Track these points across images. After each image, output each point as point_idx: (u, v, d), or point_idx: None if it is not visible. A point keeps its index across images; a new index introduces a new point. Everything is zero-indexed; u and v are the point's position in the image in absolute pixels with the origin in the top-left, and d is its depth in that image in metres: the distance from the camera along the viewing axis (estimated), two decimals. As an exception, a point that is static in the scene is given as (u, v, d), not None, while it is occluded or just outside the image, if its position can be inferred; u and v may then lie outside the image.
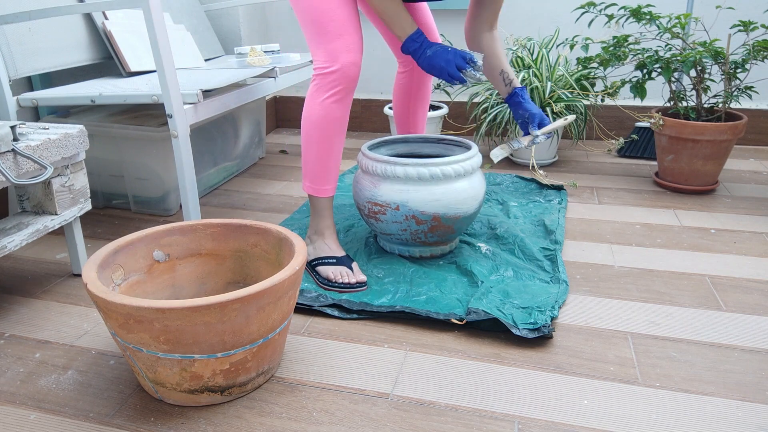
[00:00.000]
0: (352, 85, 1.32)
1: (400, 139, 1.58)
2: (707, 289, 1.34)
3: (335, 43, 1.28)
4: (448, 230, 1.39)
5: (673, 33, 1.90)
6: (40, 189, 1.29)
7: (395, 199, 1.35)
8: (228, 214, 1.83)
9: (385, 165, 1.36)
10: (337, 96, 1.30)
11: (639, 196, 1.91)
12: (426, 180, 1.34)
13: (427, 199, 1.34)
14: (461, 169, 1.35)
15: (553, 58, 2.44)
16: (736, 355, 1.10)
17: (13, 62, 1.54)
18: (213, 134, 2.01)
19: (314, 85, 1.32)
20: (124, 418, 0.96)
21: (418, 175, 1.33)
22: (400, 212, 1.35)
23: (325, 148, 1.35)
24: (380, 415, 0.96)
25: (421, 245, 1.44)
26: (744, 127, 1.84)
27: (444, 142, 1.56)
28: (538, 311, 1.20)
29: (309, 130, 1.34)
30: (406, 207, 1.34)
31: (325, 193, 1.39)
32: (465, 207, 1.37)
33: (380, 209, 1.37)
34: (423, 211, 1.34)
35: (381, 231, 1.43)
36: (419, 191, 1.34)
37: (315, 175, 1.37)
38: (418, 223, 1.36)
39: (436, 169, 1.33)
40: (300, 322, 1.23)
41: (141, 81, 1.69)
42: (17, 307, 1.31)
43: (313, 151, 1.35)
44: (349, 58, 1.28)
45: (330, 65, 1.28)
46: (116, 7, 1.39)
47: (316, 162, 1.36)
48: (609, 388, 1.01)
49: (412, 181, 1.34)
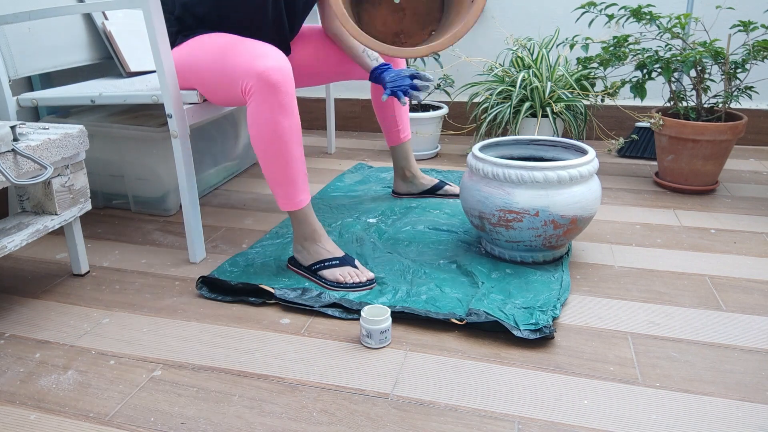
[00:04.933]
0: (287, 90, 1.25)
1: (493, 143, 1.54)
2: (707, 289, 1.34)
3: (248, 57, 1.26)
4: (577, 231, 1.38)
5: (673, 33, 1.90)
6: (40, 189, 1.29)
7: (535, 204, 1.31)
8: (228, 214, 1.83)
9: (520, 171, 1.31)
10: (279, 107, 1.25)
11: (639, 196, 1.91)
12: (565, 183, 1.31)
13: (568, 202, 1.31)
14: (592, 169, 1.35)
15: (553, 58, 2.44)
16: (736, 355, 1.10)
17: (12, 62, 1.54)
18: (213, 134, 2.01)
19: (251, 105, 1.26)
20: (124, 418, 0.96)
21: (558, 178, 1.30)
22: (539, 218, 1.32)
23: (286, 161, 1.29)
24: (380, 415, 0.96)
25: (547, 250, 1.41)
26: (744, 127, 1.84)
27: (535, 144, 1.55)
28: (540, 311, 1.20)
29: (262, 149, 1.28)
30: (546, 212, 1.31)
31: (304, 204, 1.35)
32: (595, 206, 1.37)
33: (516, 216, 1.33)
34: (563, 214, 1.32)
35: (508, 239, 1.38)
36: (561, 194, 1.31)
37: (285, 187, 1.32)
38: (555, 227, 1.34)
39: (574, 171, 1.31)
40: (300, 322, 1.23)
41: (141, 81, 1.69)
42: (17, 307, 1.31)
43: (275, 165, 1.29)
44: (269, 63, 1.24)
45: (251, 78, 1.24)
46: (116, 7, 1.39)
47: (281, 175, 1.31)
48: (609, 388, 1.01)
49: (552, 185, 1.31)
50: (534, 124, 2.13)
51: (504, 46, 2.60)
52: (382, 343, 1.14)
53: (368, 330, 1.12)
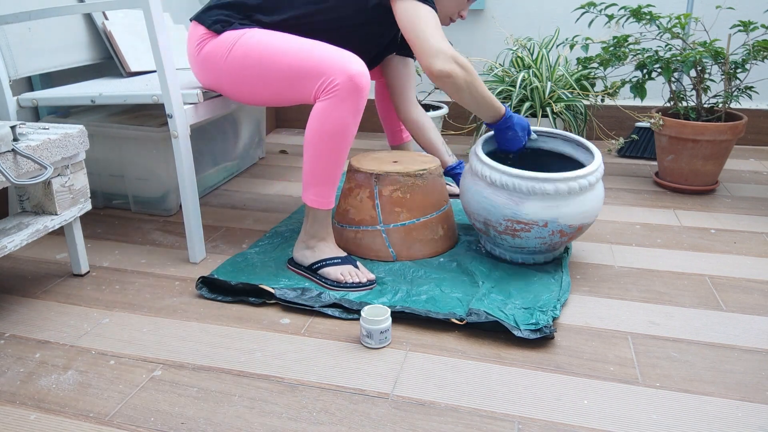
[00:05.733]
0: (365, 96, 1.27)
1: (492, 137, 1.51)
2: (707, 289, 1.34)
3: (338, 57, 1.25)
4: (579, 234, 1.37)
5: (673, 33, 1.90)
6: (40, 189, 1.29)
7: (543, 216, 1.28)
8: (228, 214, 1.83)
9: (531, 183, 1.27)
10: (354, 111, 1.26)
11: (639, 196, 1.91)
12: (575, 193, 1.29)
13: (577, 212, 1.30)
14: (599, 174, 1.33)
15: (553, 58, 2.44)
16: (736, 355, 1.10)
17: (13, 62, 1.54)
18: (213, 134, 2.01)
19: (325, 102, 1.26)
20: (124, 418, 0.96)
21: (569, 189, 1.27)
22: (547, 228, 1.30)
23: (336, 158, 1.30)
24: (380, 415, 0.96)
25: (548, 252, 1.40)
26: (744, 127, 1.84)
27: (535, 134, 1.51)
28: (540, 311, 1.20)
29: (318, 145, 1.28)
30: (555, 223, 1.29)
31: (332, 205, 1.35)
32: (599, 210, 1.36)
33: (524, 227, 1.31)
34: (571, 224, 1.30)
35: (513, 246, 1.37)
36: (569, 205, 1.29)
37: (323, 186, 1.32)
38: (562, 236, 1.32)
39: (584, 181, 1.29)
40: (300, 322, 1.23)
41: (141, 81, 1.69)
42: (17, 307, 1.31)
43: (324, 162, 1.29)
44: (359, 67, 1.24)
45: (340, 76, 1.23)
46: (116, 7, 1.39)
47: (324, 173, 1.31)
48: (609, 388, 1.01)
49: (561, 196, 1.28)
50: (534, 124, 2.13)
51: (504, 46, 2.60)
52: (382, 343, 1.14)
53: (368, 330, 1.12)
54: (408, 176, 1.42)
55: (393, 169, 1.43)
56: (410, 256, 1.45)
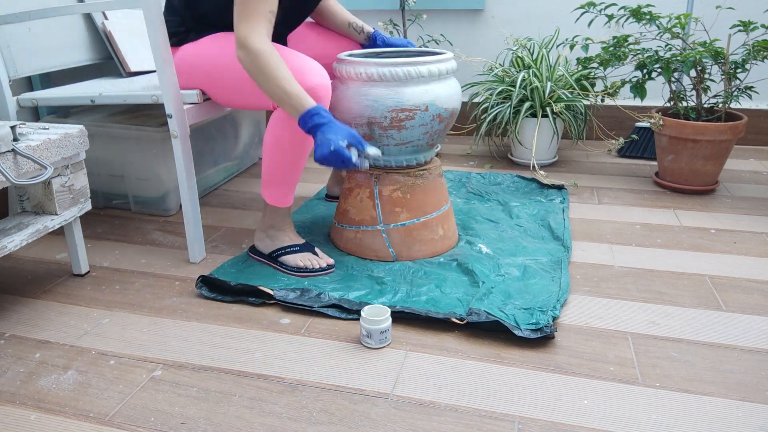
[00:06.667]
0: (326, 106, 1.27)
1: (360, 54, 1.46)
2: (707, 289, 1.34)
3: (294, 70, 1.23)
4: (452, 123, 1.42)
5: (673, 33, 1.90)
6: (40, 189, 1.29)
7: (424, 99, 1.32)
8: (228, 214, 1.83)
9: (407, 67, 1.30)
10: None
11: (639, 196, 1.91)
12: (444, 76, 1.35)
13: (449, 94, 1.35)
14: (455, 63, 1.40)
15: (553, 58, 2.44)
16: (736, 355, 1.10)
17: (13, 62, 1.54)
18: (213, 134, 2.01)
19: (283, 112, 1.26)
20: (124, 418, 0.96)
21: (440, 71, 1.33)
22: (428, 113, 1.34)
23: (295, 163, 1.32)
24: (380, 415, 0.96)
25: (428, 149, 1.43)
26: (744, 127, 1.84)
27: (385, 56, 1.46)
28: (540, 311, 1.20)
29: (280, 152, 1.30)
30: (434, 106, 1.34)
31: (289, 202, 1.40)
32: (460, 97, 1.42)
33: (408, 114, 1.33)
34: (446, 107, 1.35)
35: (399, 141, 1.37)
36: (443, 87, 1.34)
37: (282, 186, 1.35)
38: (440, 121, 1.37)
39: (449, 65, 1.35)
40: (300, 322, 1.23)
41: (141, 81, 1.69)
42: (17, 307, 1.31)
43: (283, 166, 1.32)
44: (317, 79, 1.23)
45: None
46: (116, 7, 1.39)
47: (283, 176, 1.34)
48: (609, 388, 1.01)
49: (434, 78, 1.33)
50: (534, 124, 2.13)
51: (504, 46, 2.60)
52: (382, 343, 1.14)
53: (368, 330, 1.12)
54: (408, 176, 1.42)
55: None
56: (410, 256, 1.45)
